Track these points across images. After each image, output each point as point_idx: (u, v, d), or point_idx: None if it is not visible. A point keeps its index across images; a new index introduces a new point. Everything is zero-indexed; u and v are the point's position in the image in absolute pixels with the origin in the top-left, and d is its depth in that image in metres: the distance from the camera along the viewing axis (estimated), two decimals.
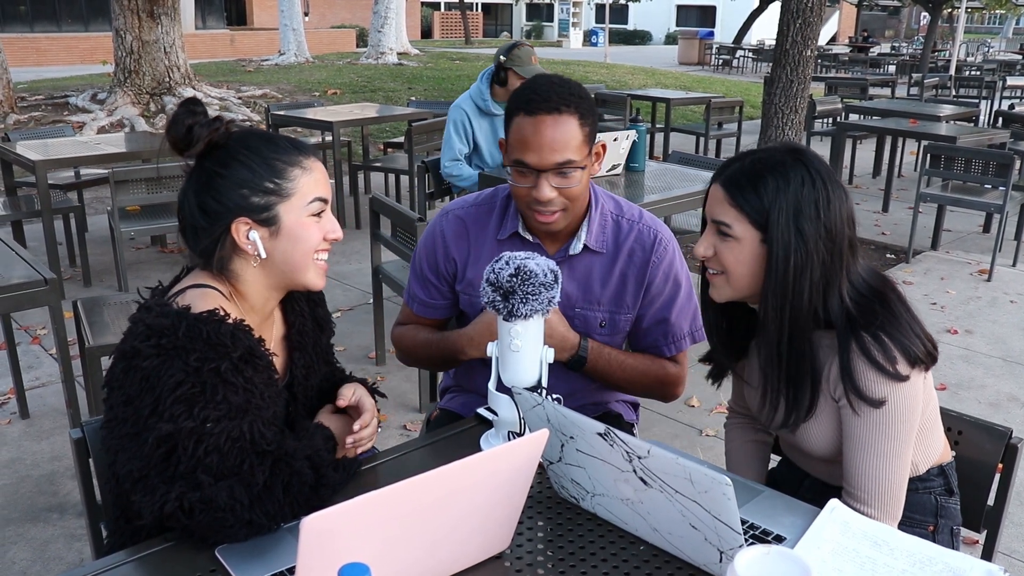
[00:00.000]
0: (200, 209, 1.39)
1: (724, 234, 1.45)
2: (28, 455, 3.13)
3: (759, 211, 1.41)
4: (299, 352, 1.55)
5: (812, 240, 1.39)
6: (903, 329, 1.41)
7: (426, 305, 1.90)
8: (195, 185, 1.39)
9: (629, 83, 15.81)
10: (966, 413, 1.70)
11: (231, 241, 1.38)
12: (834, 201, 1.41)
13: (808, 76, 6.28)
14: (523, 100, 1.65)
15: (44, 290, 2.66)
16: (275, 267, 1.42)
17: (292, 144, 1.42)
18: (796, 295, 1.41)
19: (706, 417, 3.52)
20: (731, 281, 1.47)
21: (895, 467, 1.43)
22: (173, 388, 1.25)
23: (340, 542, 0.98)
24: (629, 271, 1.79)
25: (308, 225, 1.41)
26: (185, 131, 1.36)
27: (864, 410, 1.41)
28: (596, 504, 1.36)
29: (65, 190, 5.21)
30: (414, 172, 5.36)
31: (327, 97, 11.87)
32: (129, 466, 1.31)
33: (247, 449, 1.30)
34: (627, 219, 1.82)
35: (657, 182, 4.07)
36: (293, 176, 1.39)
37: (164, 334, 1.27)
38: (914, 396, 1.42)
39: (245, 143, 1.40)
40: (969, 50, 28.81)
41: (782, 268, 1.40)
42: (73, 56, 19.79)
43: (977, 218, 6.75)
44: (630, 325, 1.84)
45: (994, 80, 12.62)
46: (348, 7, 30.39)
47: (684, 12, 43.54)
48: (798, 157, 1.43)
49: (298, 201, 1.40)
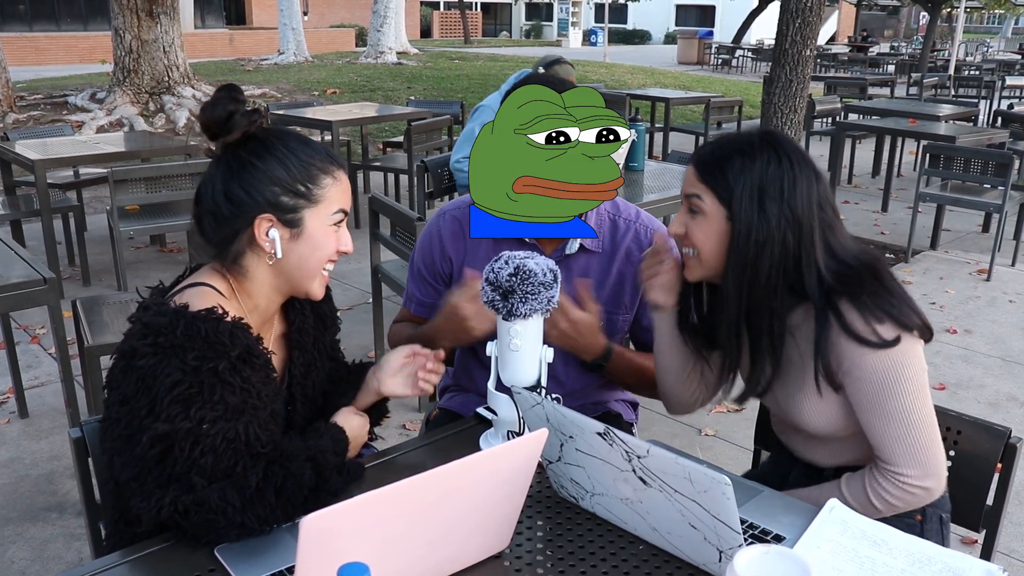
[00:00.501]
0: (226, 196, 1.37)
1: (693, 211, 1.47)
2: (27, 454, 3.13)
3: (725, 188, 1.43)
4: (298, 351, 1.54)
5: (775, 219, 1.40)
6: (893, 298, 1.42)
7: (423, 304, 1.90)
8: (224, 171, 1.38)
9: (628, 83, 15.81)
10: (965, 413, 1.70)
11: (250, 235, 1.37)
12: (800, 182, 1.42)
13: (807, 76, 6.28)
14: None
15: (43, 289, 2.66)
16: (287, 270, 1.41)
17: (327, 152, 1.43)
18: (755, 271, 1.42)
19: (705, 417, 3.52)
20: (702, 259, 1.49)
21: (919, 423, 1.42)
22: (170, 388, 1.25)
23: (339, 541, 0.98)
24: (627, 270, 1.79)
25: (328, 234, 1.41)
26: (226, 116, 1.35)
27: (866, 378, 1.41)
28: (595, 503, 1.36)
29: (64, 189, 5.21)
30: (413, 172, 5.36)
31: (326, 96, 11.87)
32: (125, 471, 1.31)
33: (241, 451, 1.29)
34: (624, 218, 1.82)
35: (656, 181, 4.07)
36: (325, 184, 1.40)
37: (162, 332, 1.27)
38: (913, 354, 1.41)
39: (284, 141, 1.39)
40: (968, 50, 28.84)
41: (743, 244, 1.42)
42: (72, 55, 19.78)
43: (976, 218, 6.76)
44: (628, 325, 1.84)
45: (993, 80, 12.62)
46: (347, 6, 30.38)
47: (683, 12, 43.54)
48: (768, 140, 1.45)
49: (324, 209, 1.40)
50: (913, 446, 1.42)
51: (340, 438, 1.43)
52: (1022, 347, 4.32)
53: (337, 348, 1.67)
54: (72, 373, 2.92)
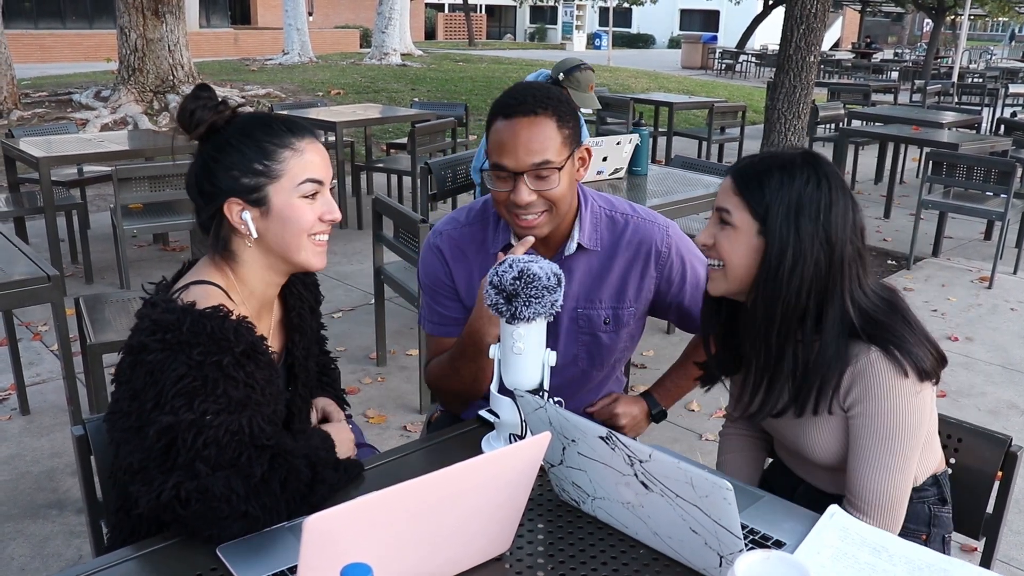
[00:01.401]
0: (199, 190, 1.44)
1: (724, 222, 1.47)
2: (28, 451, 3.14)
3: (760, 202, 1.42)
4: (299, 334, 1.58)
5: (808, 239, 1.40)
6: (915, 341, 1.42)
7: (445, 321, 1.85)
8: (197, 166, 1.44)
9: (632, 86, 15.82)
10: (965, 420, 1.70)
11: (227, 221, 1.42)
12: (837, 206, 1.41)
13: (811, 82, 6.29)
14: (501, 106, 1.67)
15: (47, 287, 2.66)
16: (270, 247, 1.44)
17: (287, 126, 1.44)
18: (787, 290, 1.41)
19: (706, 421, 3.52)
20: (727, 273, 1.48)
21: (899, 480, 1.44)
22: (175, 381, 1.28)
23: (342, 542, 0.99)
24: (633, 265, 1.80)
25: (299, 207, 1.42)
26: (189, 114, 1.41)
27: (871, 421, 1.42)
28: (597, 507, 1.36)
29: (68, 187, 5.22)
30: (417, 173, 5.37)
31: (330, 97, 11.88)
32: (130, 458, 1.33)
33: (245, 443, 1.32)
34: (620, 213, 1.82)
35: (659, 186, 4.08)
36: (283, 158, 1.41)
37: (169, 329, 1.30)
38: (923, 409, 1.43)
39: (241, 127, 1.43)
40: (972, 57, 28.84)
41: (775, 262, 1.41)
42: (77, 53, 19.82)
43: (978, 225, 6.76)
44: (634, 317, 1.84)
45: (996, 87, 12.63)
46: (352, 7, 30.42)
47: (687, 16, 43.54)
48: (809, 160, 1.45)
49: (287, 183, 1.41)
50: (886, 499, 1.45)
51: (325, 436, 1.48)
52: (1023, 355, 4.32)
53: (322, 338, 1.72)
54: (74, 370, 2.92)
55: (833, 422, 1.48)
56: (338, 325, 4.44)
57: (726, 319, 1.59)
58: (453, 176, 4.58)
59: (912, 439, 1.43)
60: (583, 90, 4.05)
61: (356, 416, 3.34)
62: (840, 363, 1.42)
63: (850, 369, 1.42)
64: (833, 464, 1.53)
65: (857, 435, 1.45)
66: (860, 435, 1.45)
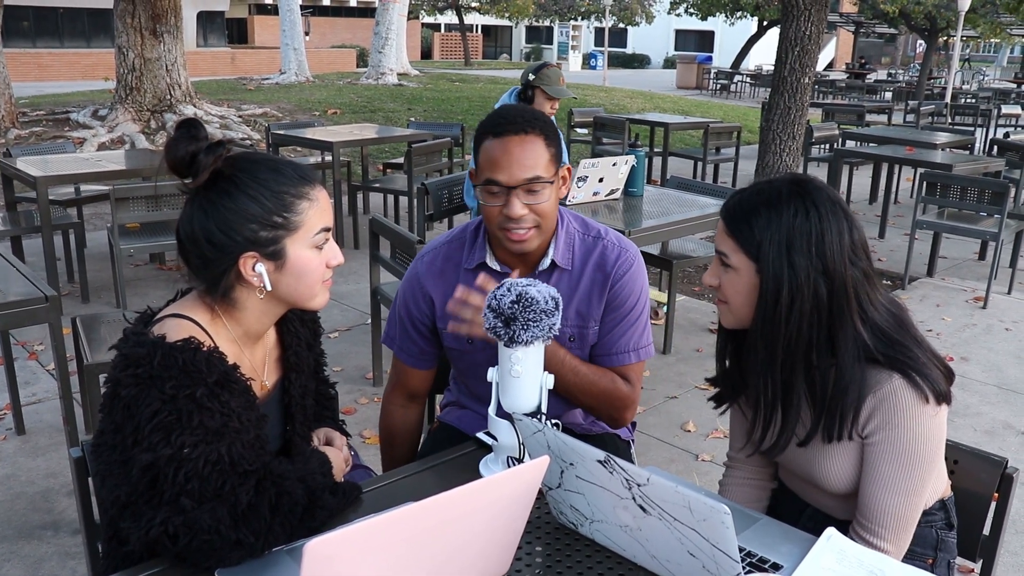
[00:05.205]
0: (207, 239, 1.36)
1: (725, 264, 1.48)
2: (23, 472, 3.12)
3: (751, 243, 1.43)
4: (295, 373, 1.57)
5: (804, 273, 1.39)
6: (926, 360, 1.43)
7: (422, 354, 1.91)
8: (199, 213, 1.36)
9: (627, 107, 15.91)
10: (961, 441, 1.70)
11: (237, 272, 1.38)
12: (830, 233, 1.40)
13: (806, 103, 6.35)
14: (491, 125, 1.72)
15: (44, 307, 2.66)
16: (280, 297, 1.43)
17: (298, 173, 1.41)
18: (787, 327, 1.41)
19: (702, 442, 3.52)
20: (732, 310, 1.50)
21: (914, 502, 1.45)
22: (150, 417, 1.27)
23: (342, 567, 0.99)
24: (594, 285, 1.83)
25: (311, 258, 1.41)
26: (189, 158, 1.34)
27: (891, 447, 1.43)
28: (595, 530, 1.37)
29: (65, 206, 5.23)
30: (413, 193, 5.39)
31: (327, 117, 11.92)
32: (117, 491, 1.33)
33: (227, 471, 1.30)
34: (592, 235, 1.86)
35: (655, 207, 4.10)
36: (301, 209, 1.39)
37: (140, 364, 1.29)
38: (940, 431, 1.44)
39: (253, 173, 1.37)
40: (964, 78, 29.07)
41: (772, 299, 1.41)
42: (75, 72, 19.90)
43: (973, 245, 6.79)
44: (598, 337, 1.86)
45: (989, 108, 12.73)
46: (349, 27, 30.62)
47: (682, 37, 43.86)
48: (797, 189, 1.43)
49: (305, 233, 1.40)
50: (900, 521, 1.46)
51: (324, 459, 1.46)
52: (1018, 375, 4.33)
53: (320, 367, 1.70)
54: (71, 390, 2.92)
55: (849, 448, 1.48)
56: (334, 345, 4.44)
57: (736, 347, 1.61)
58: (449, 196, 4.59)
59: (930, 462, 1.44)
60: (555, 83, 4.19)
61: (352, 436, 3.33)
62: (859, 388, 1.42)
63: (871, 396, 1.42)
64: (846, 491, 1.53)
65: (876, 460, 1.45)
66: (879, 460, 1.45)
